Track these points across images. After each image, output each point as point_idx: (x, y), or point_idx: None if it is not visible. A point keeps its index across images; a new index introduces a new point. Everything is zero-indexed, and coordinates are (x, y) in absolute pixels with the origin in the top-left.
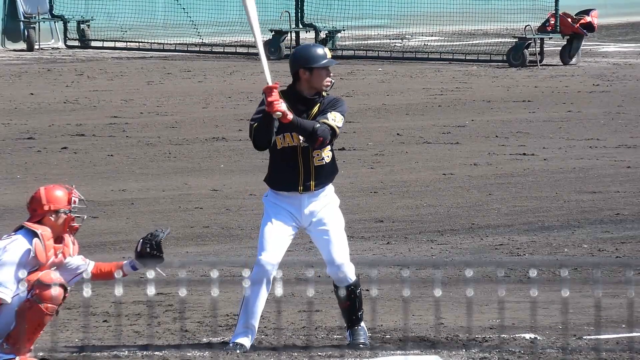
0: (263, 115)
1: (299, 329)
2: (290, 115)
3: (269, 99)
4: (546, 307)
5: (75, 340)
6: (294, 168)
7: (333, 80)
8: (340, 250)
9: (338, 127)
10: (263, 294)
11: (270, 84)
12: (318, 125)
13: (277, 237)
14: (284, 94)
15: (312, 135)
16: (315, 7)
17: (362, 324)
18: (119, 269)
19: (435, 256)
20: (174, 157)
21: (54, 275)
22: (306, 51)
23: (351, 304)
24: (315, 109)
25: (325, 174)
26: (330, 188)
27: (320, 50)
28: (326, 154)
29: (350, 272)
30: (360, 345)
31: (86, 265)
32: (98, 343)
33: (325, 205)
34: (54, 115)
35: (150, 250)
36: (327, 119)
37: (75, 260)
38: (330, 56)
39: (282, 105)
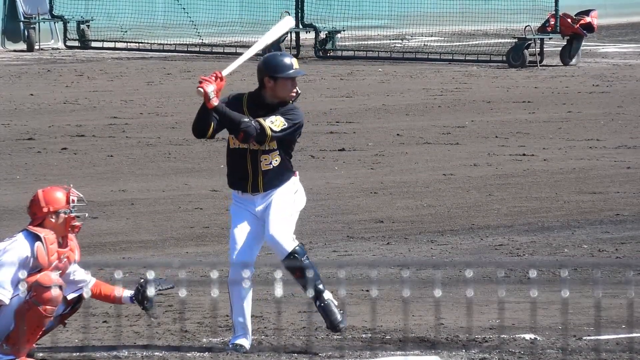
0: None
1: (299, 329)
2: (214, 102)
3: (203, 77)
4: (546, 308)
5: (75, 340)
6: (243, 170)
7: (299, 91)
8: (274, 224)
9: (272, 130)
10: (246, 293)
11: (223, 73)
12: (246, 120)
13: (244, 237)
14: (248, 96)
15: (236, 127)
16: (315, 7)
17: (327, 296)
18: (118, 295)
19: (435, 257)
20: (174, 157)
21: (53, 277)
22: (273, 60)
23: (300, 273)
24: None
25: (273, 178)
26: (287, 183)
27: (287, 60)
28: (274, 159)
29: (285, 242)
30: (340, 326)
31: (88, 281)
32: (98, 343)
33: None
34: (53, 115)
35: (144, 301)
36: (265, 119)
37: (79, 273)
38: (297, 67)
39: (209, 87)
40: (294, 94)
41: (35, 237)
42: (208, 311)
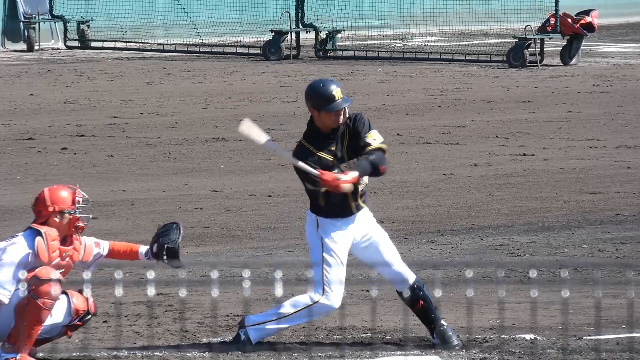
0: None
1: (299, 329)
2: (354, 175)
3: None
4: (546, 308)
5: (75, 340)
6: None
7: (346, 116)
8: (394, 260)
9: (383, 144)
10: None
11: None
12: (372, 157)
13: (344, 267)
14: (305, 134)
15: (375, 169)
16: (315, 7)
17: (443, 322)
18: (133, 255)
19: (436, 257)
20: (174, 157)
21: (52, 271)
22: (316, 92)
23: (424, 302)
24: (344, 133)
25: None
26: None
27: (330, 92)
28: None
29: (409, 276)
30: (455, 346)
31: (101, 251)
32: (98, 343)
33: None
34: (53, 115)
35: (166, 255)
36: (371, 144)
37: (91, 248)
38: (340, 97)
39: (342, 178)
40: (340, 122)
41: (36, 233)
42: (208, 311)
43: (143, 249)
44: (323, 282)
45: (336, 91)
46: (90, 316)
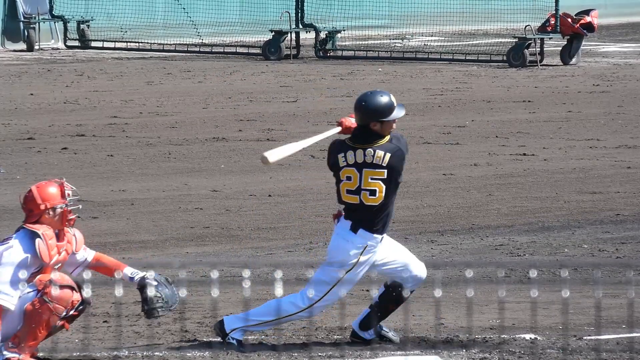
0: None
1: (299, 329)
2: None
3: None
4: (546, 308)
5: (75, 340)
6: None
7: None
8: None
9: None
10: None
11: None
12: None
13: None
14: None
15: None
16: (315, 7)
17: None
18: (119, 271)
19: (436, 256)
20: (174, 157)
21: (66, 277)
22: (377, 105)
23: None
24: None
25: None
26: None
27: (389, 102)
28: None
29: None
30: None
31: (87, 256)
32: (98, 343)
33: None
34: (54, 115)
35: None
36: None
37: (79, 252)
38: (395, 102)
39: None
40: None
41: (33, 235)
42: (208, 311)
43: (129, 270)
44: (320, 300)
45: (393, 98)
46: (85, 305)
